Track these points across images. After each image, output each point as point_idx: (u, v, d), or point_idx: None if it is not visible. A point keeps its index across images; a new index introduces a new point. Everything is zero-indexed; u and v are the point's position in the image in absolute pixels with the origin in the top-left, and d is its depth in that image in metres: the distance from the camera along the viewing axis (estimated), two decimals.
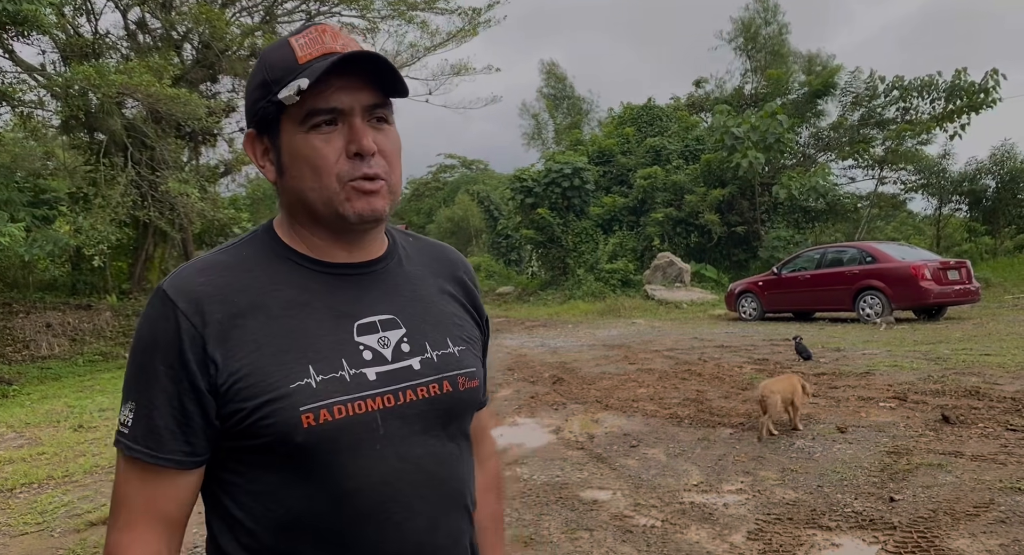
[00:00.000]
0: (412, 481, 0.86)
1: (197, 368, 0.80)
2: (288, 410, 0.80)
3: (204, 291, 0.83)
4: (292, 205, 0.90)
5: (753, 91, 25.35)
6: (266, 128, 0.88)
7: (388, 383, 0.86)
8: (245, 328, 0.82)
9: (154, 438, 0.81)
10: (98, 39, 15.34)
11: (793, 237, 19.87)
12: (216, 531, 0.87)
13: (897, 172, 23.69)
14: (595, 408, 6.31)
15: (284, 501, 0.82)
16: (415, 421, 0.87)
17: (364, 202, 0.86)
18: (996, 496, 3.61)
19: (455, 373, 0.93)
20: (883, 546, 3.12)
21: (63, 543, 3.72)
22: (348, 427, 0.82)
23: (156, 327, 0.82)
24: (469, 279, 1.07)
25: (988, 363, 7.26)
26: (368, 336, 0.88)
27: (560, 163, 22.20)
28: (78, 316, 13.85)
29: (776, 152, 20.63)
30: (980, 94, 19.30)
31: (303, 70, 0.83)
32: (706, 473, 4.33)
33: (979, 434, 4.74)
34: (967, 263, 12.65)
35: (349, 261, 0.92)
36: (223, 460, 0.85)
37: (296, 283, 0.88)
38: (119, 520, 0.83)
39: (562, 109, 33.73)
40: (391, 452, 0.84)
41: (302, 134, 0.84)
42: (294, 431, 0.79)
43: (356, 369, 0.85)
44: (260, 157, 0.90)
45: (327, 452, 0.81)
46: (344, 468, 0.82)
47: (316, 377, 0.82)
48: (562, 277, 22.50)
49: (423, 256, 1.02)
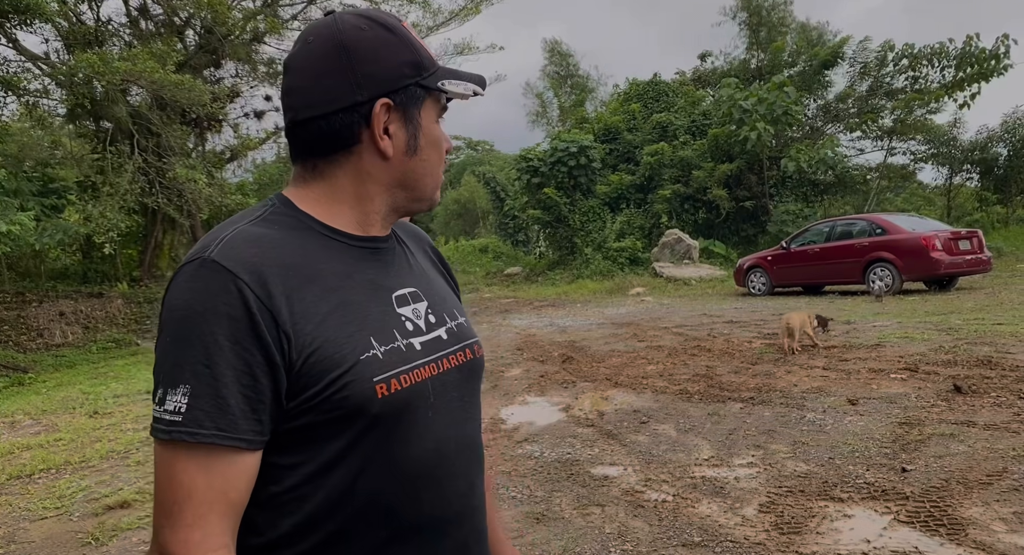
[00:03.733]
0: (455, 446, 0.90)
1: (272, 342, 0.76)
2: (363, 382, 0.81)
3: (261, 261, 0.79)
4: (397, 184, 0.92)
5: (758, 64, 25.01)
6: (403, 104, 0.89)
7: (431, 352, 0.90)
8: (305, 301, 0.80)
9: (227, 419, 0.74)
10: (100, 26, 15.29)
11: (802, 211, 19.71)
12: (256, 518, 0.81)
13: (906, 142, 23.35)
14: (605, 386, 6.32)
15: (342, 475, 0.81)
16: (452, 388, 0.92)
17: (439, 191, 0.97)
18: (1009, 464, 3.60)
19: (471, 341, 0.99)
20: (895, 516, 3.13)
21: (82, 527, 3.78)
22: (411, 396, 0.85)
23: (214, 300, 0.75)
24: (440, 255, 1.14)
25: (1000, 332, 7.22)
26: (405, 308, 0.91)
27: (566, 142, 22.04)
28: (90, 304, 13.97)
29: (784, 125, 20.38)
30: (991, 61, 18.95)
31: (438, 69, 0.90)
32: (716, 447, 4.34)
33: (991, 403, 4.72)
34: (978, 233, 12.52)
35: (371, 234, 0.94)
36: (272, 441, 0.80)
37: (335, 256, 0.88)
38: (184, 517, 0.74)
39: (566, 87, 33.37)
40: (439, 419, 0.88)
41: (437, 123, 0.92)
42: (370, 402, 0.81)
43: (406, 339, 0.88)
44: (381, 129, 0.88)
45: (396, 421, 0.83)
46: (404, 436, 0.84)
47: (380, 348, 0.84)
48: (570, 256, 22.44)
49: (407, 233, 1.07)
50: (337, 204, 0.91)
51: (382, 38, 0.88)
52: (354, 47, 0.86)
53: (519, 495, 3.77)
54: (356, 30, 0.87)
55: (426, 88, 0.89)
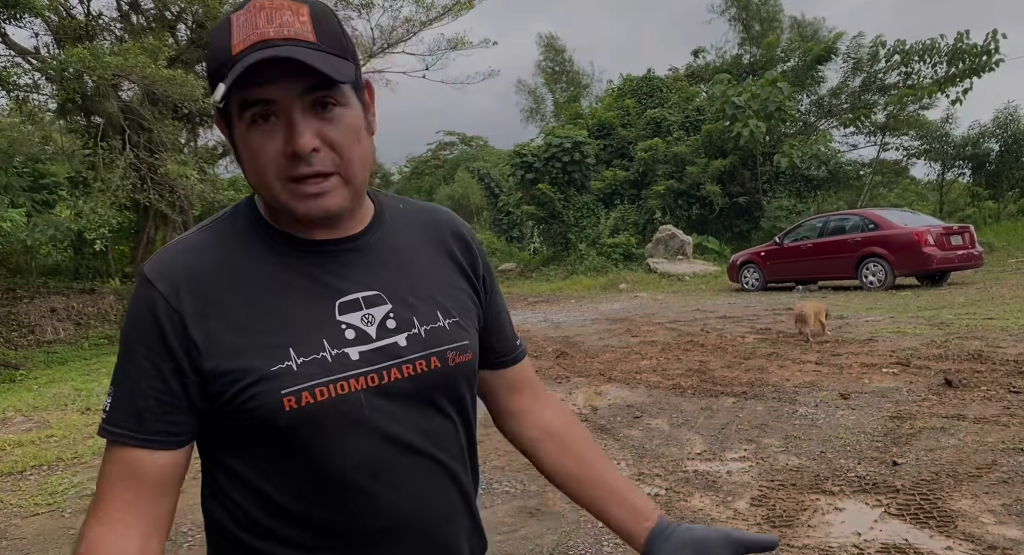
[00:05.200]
0: (399, 459, 0.85)
1: (179, 349, 0.80)
2: (269, 394, 0.79)
3: (183, 272, 0.82)
4: None
5: (751, 60, 25.04)
6: (223, 117, 0.83)
7: (372, 362, 0.84)
8: (226, 309, 0.81)
9: (136, 420, 0.80)
10: (91, 21, 15.16)
11: (795, 206, 19.77)
12: (212, 510, 0.87)
13: (899, 138, 23.46)
14: (599, 381, 6.34)
15: (274, 482, 0.82)
16: (401, 399, 0.86)
17: (310, 204, 0.81)
18: (999, 457, 3.63)
19: (444, 348, 0.90)
20: (886, 509, 3.15)
21: (74, 523, 3.77)
22: (331, 408, 0.81)
23: (137, 310, 0.82)
24: (465, 239, 1.01)
25: (991, 327, 7.26)
26: (351, 314, 0.86)
27: (560, 137, 22.03)
28: (82, 300, 13.90)
29: (777, 120, 20.43)
30: (982, 56, 19.03)
31: (235, 64, 0.75)
32: (709, 442, 4.36)
33: (982, 397, 4.76)
34: (970, 228, 12.59)
35: (329, 237, 0.88)
36: (219, 440, 0.84)
37: (276, 261, 0.85)
38: (97, 512, 0.80)
39: (561, 83, 33.34)
40: (376, 431, 0.83)
41: (243, 128, 0.80)
42: (276, 415, 0.79)
43: (338, 349, 0.83)
44: (227, 135, 0.85)
45: (311, 434, 0.80)
46: (329, 449, 0.81)
47: (297, 359, 0.80)
48: (564, 252, 22.45)
49: (413, 222, 0.98)
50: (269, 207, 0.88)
51: (214, 37, 0.81)
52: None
53: (513, 490, 3.78)
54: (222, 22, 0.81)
55: None
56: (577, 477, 1.03)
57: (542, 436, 1.06)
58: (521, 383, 1.09)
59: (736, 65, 25.23)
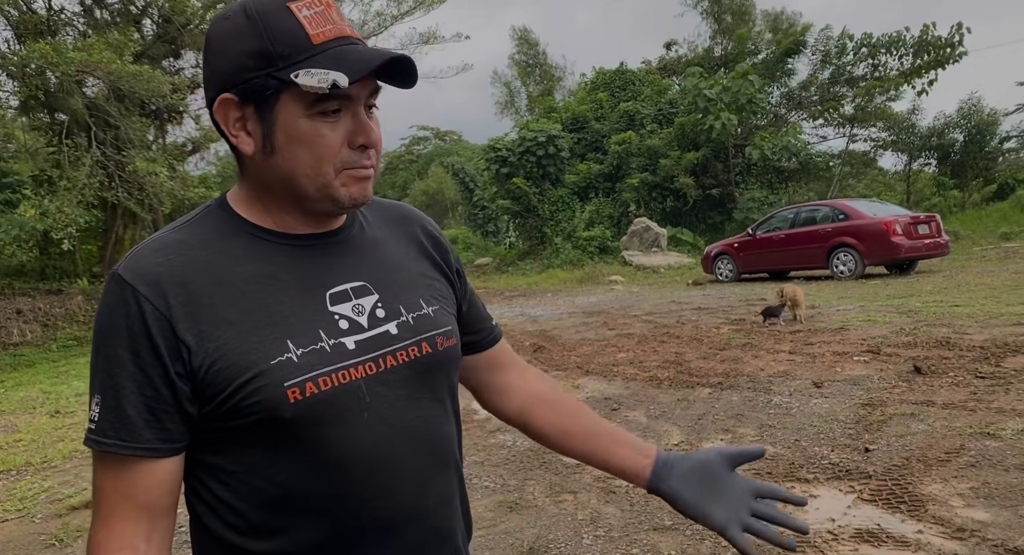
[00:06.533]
0: (400, 446, 0.86)
1: (168, 353, 0.78)
2: (273, 387, 0.78)
3: (163, 271, 0.79)
4: (272, 183, 0.85)
5: (723, 52, 25.24)
6: (254, 99, 0.81)
7: (368, 350, 0.85)
8: (214, 307, 0.80)
9: (126, 429, 0.78)
10: (53, 15, 14.80)
11: (767, 197, 20.00)
12: (201, 514, 0.85)
13: (867, 129, 23.86)
14: (576, 374, 6.36)
15: (274, 478, 0.81)
16: (399, 386, 0.87)
17: (359, 187, 0.85)
18: (967, 442, 3.72)
19: (432, 333, 0.92)
20: (859, 495, 3.21)
21: (45, 528, 3.70)
22: (335, 398, 0.81)
23: (116, 313, 0.79)
24: (433, 233, 1.05)
25: (958, 314, 7.42)
26: (342, 305, 0.87)
27: (534, 131, 22.04)
28: (49, 301, 13.61)
29: (748, 113, 20.65)
30: (947, 49, 19.40)
31: (319, 53, 0.78)
32: (686, 432, 4.40)
33: (950, 383, 4.86)
34: (936, 217, 12.84)
35: (312, 232, 0.89)
36: (207, 442, 0.83)
37: (260, 256, 0.85)
38: (97, 518, 0.80)
39: (534, 76, 33.32)
40: (377, 419, 0.84)
41: (306, 118, 0.80)
42: (281, 407, 0.78)
43: (335, 339, 0.84)
44: (233, 126, 0.83)
45: (315, 424, 0.80)
46: (333, 439, 0.81)
47: (296, 351, 0.80)
48: (540, 246, 22.49)
49: (383, 219, 1.01)
50: (254, 202, 0.88)
51: (235, 27, 0.81)
52: (212, 40, 0.83)
53: (492, 484, 3.79)
54: (221, 21, 0.82)
55: (280, 80, 0.79)
56: (572, 432, 1.07)
57: (531, 401, 1.11)
58: (502, 361, 1.14)
59: (708, 58, 25.42)
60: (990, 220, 17.87)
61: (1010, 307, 7.59)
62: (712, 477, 0.97)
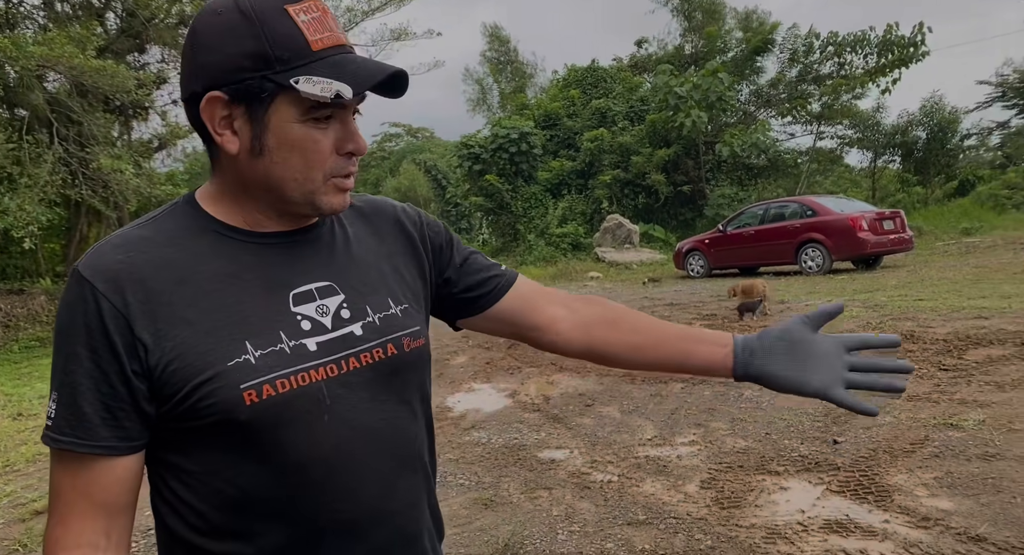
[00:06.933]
0: (362, 448, 0.85)
1: (124, 351, 0.77)
2: (228, 389, 0.77)
3: (123, 269, 0.79)
4: (252, 183, 0.84)
5: (693, 50, 25.47)
6: (246, 100, 0.80)
7: (330, 352, 0.84)
8: (173, 305, 0.79)
9: (83, 426, 0.77)
10: (11, 8, 14.40)
11: (737, 194, 20.24)
12: (163, 514, 0.84)
13: (834, 127, 24.25)
14: (550, 370, 6.38)
15: (233, 480, 0.80)
16: (362, 388, 0.86)
17: (341, 198, 0.86)
18: (931, 433, 3.81)
19: (399, 334, 0.91)
20: (827, 486, 3.27)
21: (8, 533, 3.61)
22: (293, 400, 0.80)
23: (75, 311, 0.78)
24: (409, 221, 1.03)
25: (922, 308, 7.59)
26: (305, 305, 0.85)
27: (506, 128, 22.02)
28: (10, 301, 13.26)
29: (718, 110, 20.86)
30: (909, 48, 19.79)
31: (318, 60, 0.78)
32: (659, 427, 4.44)
33: (914, 376, 4.97)
34: (901, 213, 13.11)
35: (282, 230, 0.88)
36: (167, 441, 0.82)
37: (224, 255, 0.84)
38: (54, 516, 0.80)
39: (506, 73, 33.29)
40: (338, 421, 0.83)
41: (300, 123, 0.80)
42: (236, 410, 0.77)
43: (295, 340, 0.82)
44: (219, 124, 0.81)
45: (273, 427, 0.79)
46: (292, 442, 0.80)
47: (255, 352, 0.79)
48: (513, 243, 22.51)
49: (357, 214, 0.99)
50: (225, 200, 0.87)
51: (230, 24, 0.79)
52: (200, 33, 0.81)
53: (467, 482, 3.78)
54: (211, 15, 0.81)
55: (278, 84, 0.78)
56: (641, 345, 1.04)
57: (588, 327, 1.06)
58: (532, 299, 1.09)
59: (678, 56, 25.61)
60: (952, 216, 18.30)
61: (971, 301, 7.79)
62: (798, 346, 0.95)
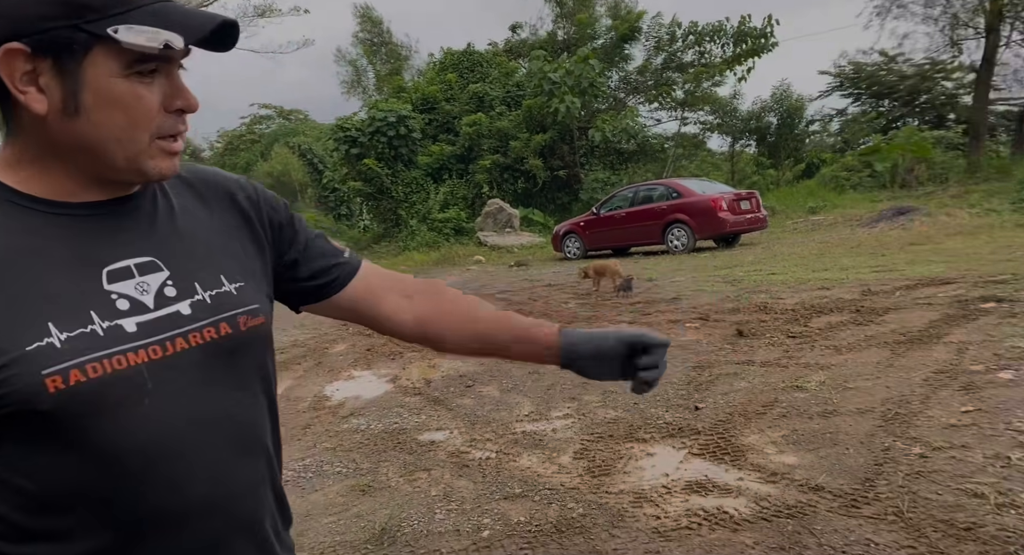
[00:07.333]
0: (191, 435, 0.79)
1: None
2: (27, 375, 0.69)
3: None
4: (65, 147, 0.75)
5: (565, 37, 26.01)
6: (53, 52, 0.71)
7: (153, 333, 0.77)
8: None
9: None
10: None
11: (609, 178, 21.00)
12: None
13: (696, 113, 25.71)
14: (432, 354, 6.39)
15: (42, 476, 0.73)
16: (191, 370, 0.80)
17: (169, 162, 0.80)
18: (779, 395, 4.17)
19: (234, 313, 0.85)
20: (689, 450, 3.51)
21: None
22: (107, 386, 0.73)
23: None
24: (249, 194, 0.97)
25: (774, 281, 8.25)
26: (122, 283, 0.78)
27: (384, 111, 21.61)
28: None
29: (590, 96, 21.48)
30: (760, 38, 21.22)
31: (136, 7, 0.71)
32: (536, 403, 4.58)
33: (767, 343, 5.41)
34: (756, 194, 14.13)
35: (91, 200, 0.79)
36: None
37: (24, 229, 0.75)
38: None
39: (381, 55, 32.55)
40: (163, 407, 0.77)
41: (121, 77, 0.73)
42: (37, 398, 0.70)
43: (110, 321, 0.75)
44: (20, 80, 0.72)
45: (82, 416, 0.72)
46: (104, 431, 0.73)
47: (60, 335, 0.72)
48: (395, 229, 22.21)
49: (185, 184, 0.92)
50: (26, 167, 0.78)
51: None
52: None
53: (344, 469, 3.74)
54: None
55: (92, 34, 0.70)
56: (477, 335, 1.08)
57: (422, 319, 1.08)
58: (374, 288, 1.08)
59: (551, 42, 26.06)
60: (800, 196, 19.88)
61: (816, 273, 8.55)
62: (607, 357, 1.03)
